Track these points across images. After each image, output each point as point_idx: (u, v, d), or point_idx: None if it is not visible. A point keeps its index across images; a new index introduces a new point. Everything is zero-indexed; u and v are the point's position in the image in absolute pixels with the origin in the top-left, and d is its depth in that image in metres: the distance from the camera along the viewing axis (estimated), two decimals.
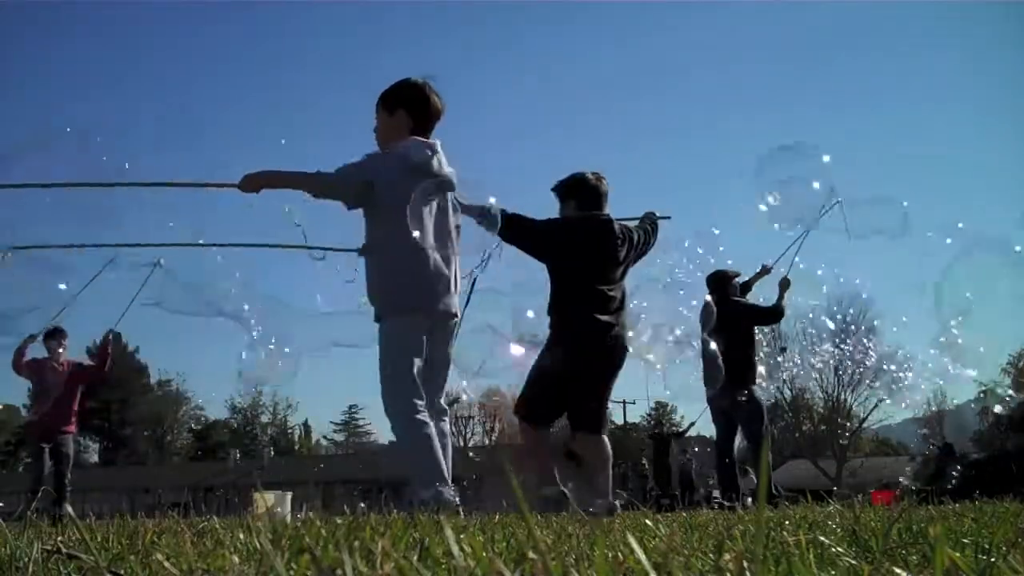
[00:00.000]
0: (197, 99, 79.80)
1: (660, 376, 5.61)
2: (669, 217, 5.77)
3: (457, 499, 3.60)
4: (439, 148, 3.98)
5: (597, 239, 5.10)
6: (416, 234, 3.82)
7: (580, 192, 5.24)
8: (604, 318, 4.96)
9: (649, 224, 5.56)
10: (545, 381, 4.92)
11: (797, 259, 7.22)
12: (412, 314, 3.85)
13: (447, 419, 3.95)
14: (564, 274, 5.07)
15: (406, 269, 3.86)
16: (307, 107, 77.51)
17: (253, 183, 3.99)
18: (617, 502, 4.87)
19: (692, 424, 14.06)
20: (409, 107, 4.00)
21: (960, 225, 5.85)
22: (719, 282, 7.71)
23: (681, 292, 6.04)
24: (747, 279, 7.92)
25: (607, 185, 5.29)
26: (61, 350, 8.42)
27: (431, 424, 3.75)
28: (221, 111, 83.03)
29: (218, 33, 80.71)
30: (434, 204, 3.94)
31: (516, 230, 4.97)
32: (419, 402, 3.75)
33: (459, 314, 4.07)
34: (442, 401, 3.96)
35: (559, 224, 5.23)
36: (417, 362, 3.80)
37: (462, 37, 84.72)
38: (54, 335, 8.29)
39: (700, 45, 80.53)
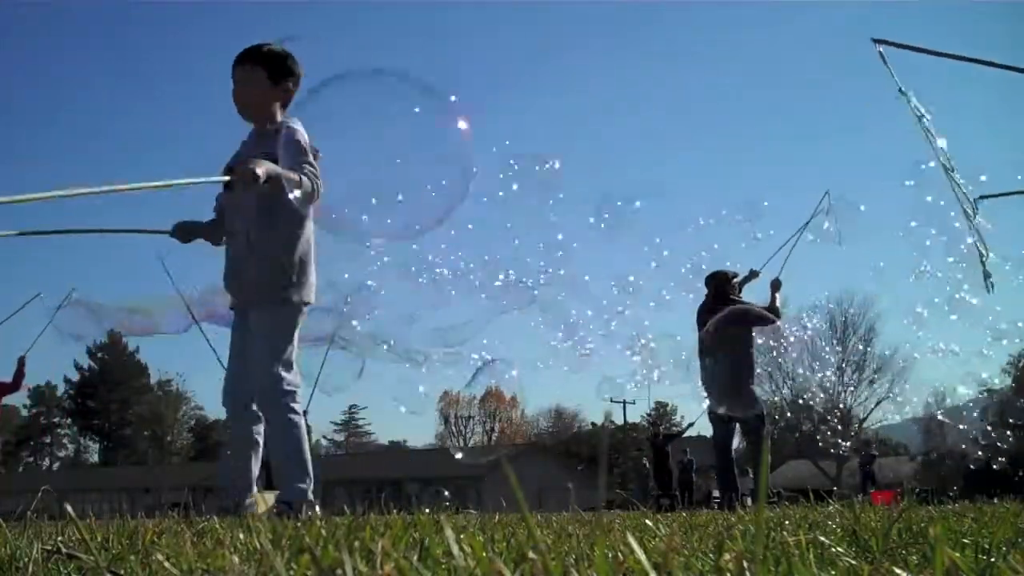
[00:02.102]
0: None
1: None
2: None
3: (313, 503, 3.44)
4: None
5: None
6: (311, 225, 3.70)
7: None
8: None
9: None
10: None
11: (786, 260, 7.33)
12: (302, 304, 3.71)
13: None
14: None
15: (308, 260, 3.70)
16: None
17: (257, 173, 3.30)
18: None
19: (691, 424, 14.03)
20: (296, 81, 3.75)
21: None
22: (719, 282, 7.71)
23: None
24: (737, 281, 7.89)
25: None
26: None
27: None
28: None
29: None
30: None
31: None
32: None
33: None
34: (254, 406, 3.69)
35: None
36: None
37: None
38: None
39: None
